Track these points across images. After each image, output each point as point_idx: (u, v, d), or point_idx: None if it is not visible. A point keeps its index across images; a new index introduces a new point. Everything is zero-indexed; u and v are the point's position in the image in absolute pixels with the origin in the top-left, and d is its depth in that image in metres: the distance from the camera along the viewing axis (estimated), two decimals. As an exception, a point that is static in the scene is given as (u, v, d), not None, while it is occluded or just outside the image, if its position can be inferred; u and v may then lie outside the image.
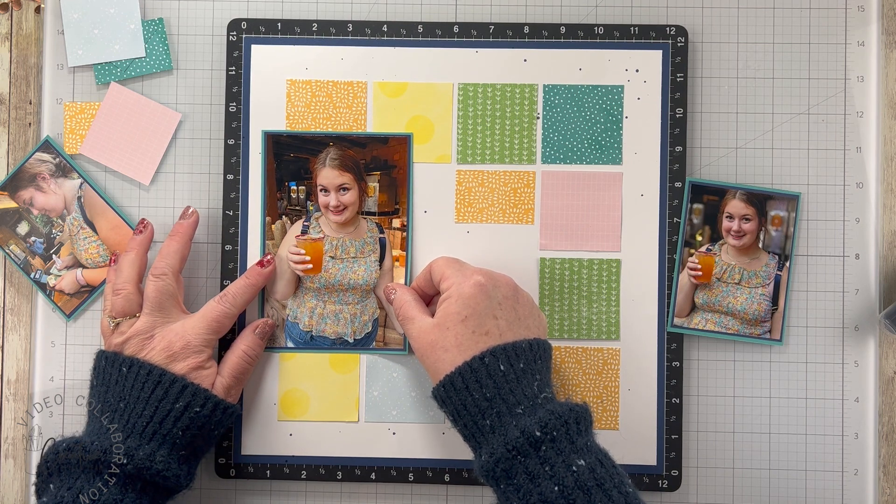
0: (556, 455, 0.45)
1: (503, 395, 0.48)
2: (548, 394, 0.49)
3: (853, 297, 0.61)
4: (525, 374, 0.49)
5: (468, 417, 0.49)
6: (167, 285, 0.56)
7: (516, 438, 0.46)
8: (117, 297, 0.56)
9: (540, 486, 0.44)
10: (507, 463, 0.46)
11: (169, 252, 0.57)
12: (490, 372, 0.48)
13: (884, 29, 0.61)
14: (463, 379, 0.49)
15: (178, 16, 0.62)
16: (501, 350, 0.49)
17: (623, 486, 0.45)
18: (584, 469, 0.44)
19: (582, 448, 0.45)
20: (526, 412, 0.47)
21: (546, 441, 0.45)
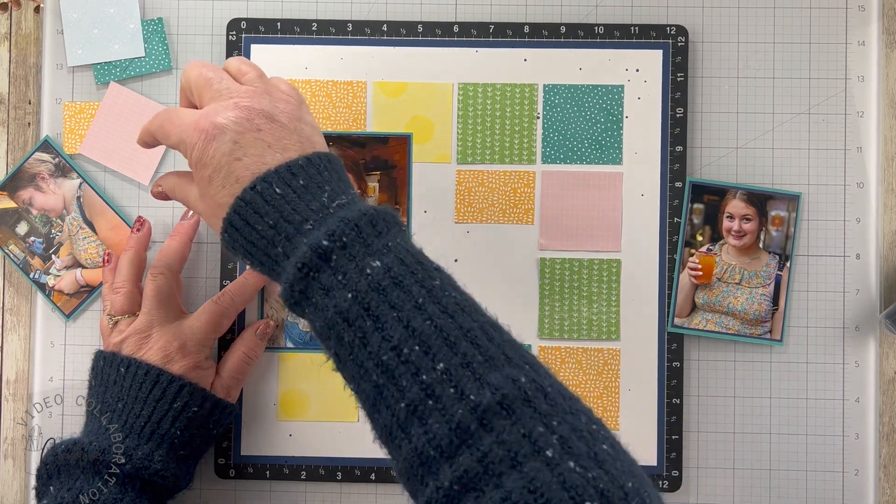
0: (349, 261, 0.40)
1: (286, 216, 0.42)
2: (343, 200, 0.43)
3: (854, 298, 0.61)
4: (308, 190, 0.43)
5: (260, 253, 0.43)
6: (166, 284, 0.56)
7: (304, 254, 0.40)
8: (116, 295, 0.56)
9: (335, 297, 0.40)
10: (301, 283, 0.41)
11: (169, 252, 0.57)
12: (266, 198, 0.42)
13: (884, 28, 0.61)
14: (240, 215, 0.43)
15: (177, 15, 0.62)
16: (273, 174, 0.43)
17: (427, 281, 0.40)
18: (378, 270, 0.39)
19: (379, 250, 0.40)
20: (316, 226, 0.41)
21: (336, 249, 0.40)
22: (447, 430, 0.36)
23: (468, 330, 0.38)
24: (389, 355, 0.38)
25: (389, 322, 0.39)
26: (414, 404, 0.37)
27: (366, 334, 0.39)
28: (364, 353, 0.39)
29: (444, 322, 0.38)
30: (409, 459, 0.37)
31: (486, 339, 0.38)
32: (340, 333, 0.40)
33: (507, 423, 0.35)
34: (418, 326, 0.38)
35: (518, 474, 0.34)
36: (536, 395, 0.36)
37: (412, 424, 0.37)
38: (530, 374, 0.37)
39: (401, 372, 0.38)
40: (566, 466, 0.34)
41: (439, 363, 0.37)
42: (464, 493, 0.35)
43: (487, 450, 0.35)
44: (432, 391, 0.37)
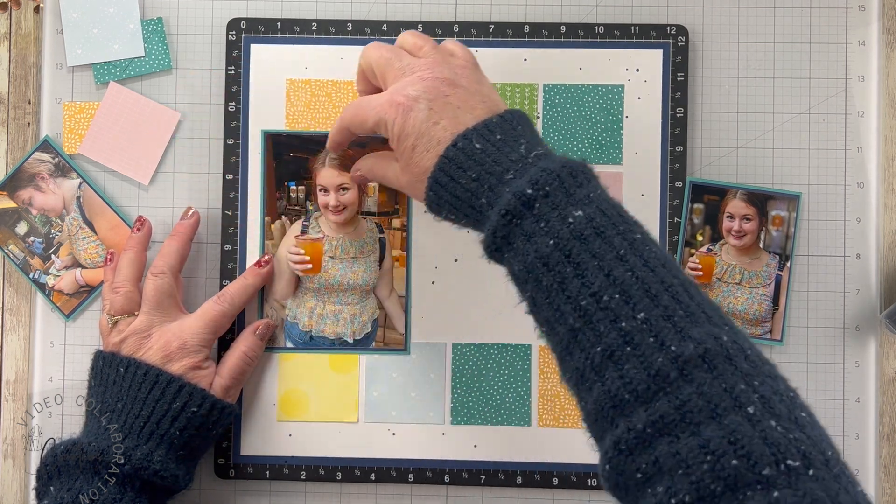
0: (551, 210, 0.41)
1: (488, 168, 0.44)
2: (539, 152, 0.44)
3: (854, 298, 0.61)
4: (506, 143, 0.45)
5: (465, 206, 0.46)
6: (166, 284, 0.56)
7: (508, 202, 0.42)
8: (116, 295, 0.56)
9: (536, 243, 0.41)
10: (504, 229, 0.42)
11: (169, 251, 0.57)
12: (468, 153, 0.44)
13: (884, 28, 0.61)
14: (444, 172, 0.45)
15: (177, 15, 0.62)
16: (472, 131, 0.45)
17: (629, 234, 0.40)
18: (581, 219, 0.40)
19: (581, 200, 0.41)
20: (517, 175, 0.43)
21: (539, 197, 0.41)
22: (645, 375, 0.36)
23: (669, 285, 0.39)
24: (588, 301, 0.39)
25: (590, 270, 0.39)
26: (611, 349, 0.38)
27: (565, 279, 0.40)
28: (562, 297, 0.40)
29: (644, 274, 0.39)
30: (601, 401, 0.38)
31: (686, 296, 0.39)
32: (539, 277, 0.41)
33: (708, 377, 0.35)
34: (619, 276, 0.39)
35: (717, 425, 0.34)
36: (737, 355, 0.36)
37: (607, 368, 0.38)
38: (731, 335, 0.37)
39: (599, 318, 0.38)
40: (768, 424, 0.34)
41: (639, 313, 0.38)
42: (657, 437, 0.35)
43: (687, 398, 0.35)
44: (631, 338, 0.37)
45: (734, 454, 0.33)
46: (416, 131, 0.47)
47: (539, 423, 0.60)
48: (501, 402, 0.60)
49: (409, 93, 0.47)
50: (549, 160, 0.43)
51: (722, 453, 0.33)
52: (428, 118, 0.46)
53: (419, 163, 0.47)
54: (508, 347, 0.60)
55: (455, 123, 0.46)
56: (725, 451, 0.33)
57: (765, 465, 0.33)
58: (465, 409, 0.60)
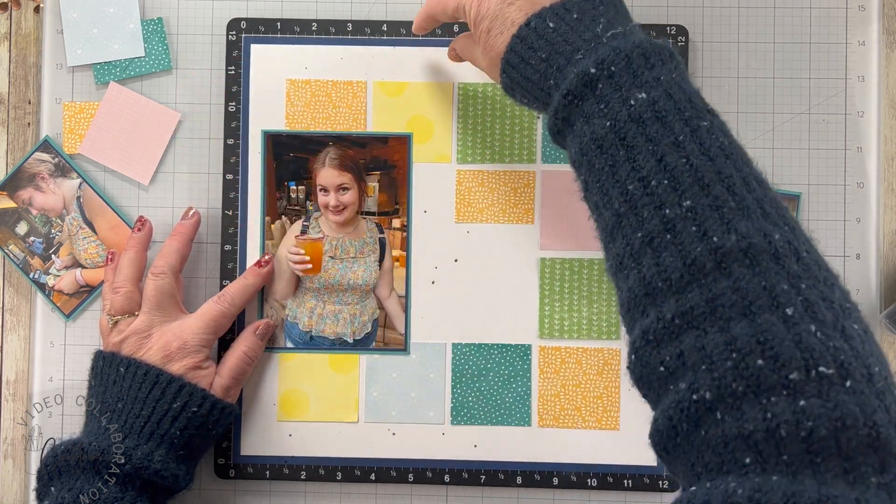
0: (614, 91, 0.39)
1: (558, 48, 0.41)
2: (618, 31, 0.41)
3: (854, 298, 0.61)
4: (581, 23, 0.42)
5: (535, 88, 0.43)
6: (166, 284, 0.56)
7: (570, 82, 0.40)
8: (116, 295, 0.56)
9: (593, 125, 0.39)
10: (565, 111, 0.40)
11: (169, 251, 0.57)
12: (540, 32, 0.42)
13: (884, 28, 0.61)
14: (516, 52, 0.43)
15: (177, 15, 0.62)
16: (547, 9, 0.43)
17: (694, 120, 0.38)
18: (643, 101, 0.38)
19: (648, 82, 0.38)
20: (587, 55, 0.40)
21: (603, 78, 0.39)
22: (680, 264, 0.35)
23: (727, 176, 0.36)
24: (636, 185, 0.37)
25: (643, 153, 0.37)
26: (651, 236, 0.36)
27: (616, 162, 0.38)
28: (611, 181, 0.38)
29: (700, 162, 0.36)
30: (634, 289, 0.36)
31: (745, 189, 0.36)
32: (592, 160, 0.39)
33: (747, 272, 0.34)
34: (672, 162, 0.37)
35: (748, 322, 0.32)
36: (788, 255, 0.34)
37: (644, 255, 0.36)
38: (787, 235, 0.35)
39: (644, 203, 0.37)
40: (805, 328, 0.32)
41: (686, 200, 0.36)
42: (684, 330, 0.34)
43: (720, 292, 0.33)
44: (672, 226, 0.36)
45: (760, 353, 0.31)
46: (491, 13, 0.45)
47: (539, 423, 0.60)
48: (501, 402, 0.60)
49: None
50: (624, 39, 0.40)
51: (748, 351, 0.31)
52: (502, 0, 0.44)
53: (494, 45, 0.45)
54: (508, 347, 0.60)
55: (531, 4, 0.43)
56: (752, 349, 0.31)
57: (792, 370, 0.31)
58: (465, 409, 0.60)
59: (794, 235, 0.35)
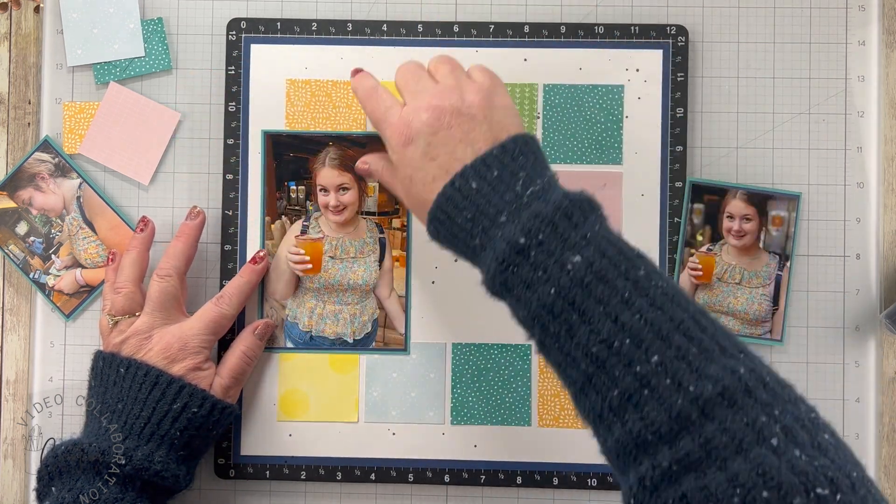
0: (548, 257, 0.41)
1: (482, 209, 0.44)
2: (536, 188, 0.44)
3: (854, 298, 0.61)
4: (501, 180, 0.44)
5: (461, 244, 0.46)
6: (171, 287, 0.56)
7: (503, 250, 0.42)
8: (118, 295, 0.56)
9: (537, 291, 0.41)
10: (501, 276, 0.43)
11: (175, 253, 0.57)
12: (463, 192, 0.45)
13: (885, 28, 0.61)
14: (442, 209, 0.46)
15: (177, 15, 0.62)
16: (469, 168, 0.45)
17: (632, 272, 0.40)
18: (579, 265, 0.40)
19: (578, 243, 0.41)
20: (510, 218, 0.43)
21: (533, 246, 0.41)
22: (666, 418, 0.36)
23: (679, 322, 0.39)
24: (599, 347, 0.39)
25: (596, 316, 0.39)
26: (628, 393, 0.38)
27: (572, 326, 0.40)
28: (570, 344, 0.40)
29: (653, 315, 0.39)
30: (623, 441, 0.38)
31: (698, 329, 0.39)
32: (545, 324, 0.41)
33: (729, 413, 0.36)
34: (627, 321, 0.39)
35: (744, 459, 0.34)
36: (757, 386, 0.37)
37: (626, 410, 0.38)
38: (748, 364, 0.37)
39: (612, 363, 0.39)
40: (792, 454, 0.34)
41: (653, 356, 0.38)
42: (682, 474, 0.36)
43: (711, 436, 0.35)
44: (647, 381, 0.37)
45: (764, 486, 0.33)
46: (413, 164, 0.48)
47: (539, 423, 0.60)
48: (501, 402, 0.60)
49: (412, 125, 0.48)
50: (543, 201, 0.43)
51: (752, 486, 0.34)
52: (425, 153, 0.47)
53: (418, 195, 0.48)
54: (508, 347, 0.60)
55: (451, 160, 0.46)
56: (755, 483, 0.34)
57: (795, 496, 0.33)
58: (465, 409, 0.60)
59: (752, 362, 0.38)
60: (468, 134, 0.47)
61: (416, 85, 0.50)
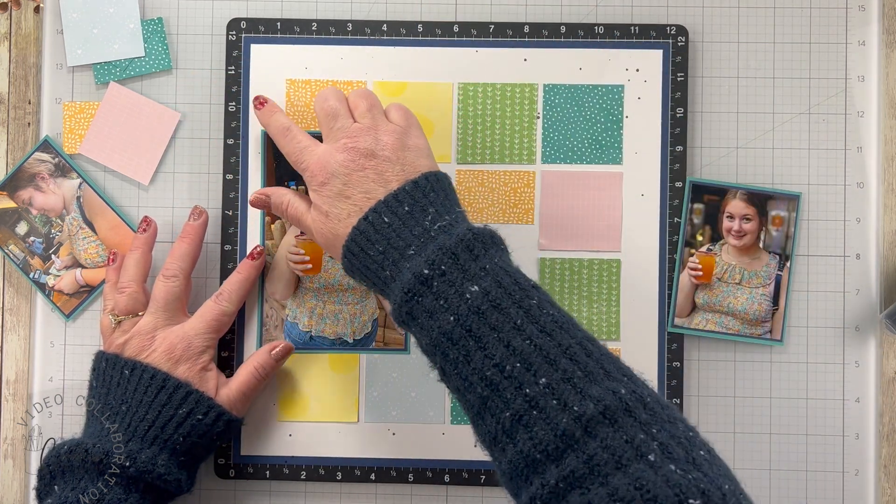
0: (449, 287, 0.44)
1: (392, 243, 0.47)
2: (444, 223, 0.47)
3: (854, 298, 0.61)
4: (412, 215, 0.48)
5: (373, 275, 0.48)
6: (177, 287, 0.57)
7: (408, 281, 0.45)
8: (122, 295, 0.56)
9: (438, 319, 0.44)
10: (407, 306, 0.45)
11: (181, 254, 0.57)
12: (376, 227, 0.48)
13: (884, 28, 0.61)
14: (356, 243, 0.48)
15: (177, 15, 0.62)
16: (382, 203, 0.48)
17: (525, 301, 0.43)
18: (477, 294, 0.43)
19: (477, 274, 0.44)
20: (417, 251, 0.46)
21: (436, 276, 0.44)
22: (552, 436, 0.39)
23: (567, 347, 0.41)
24: (493, 371, 0.42)
25: (491, 342, 0.42)
26: (519, 414, 0.40)
27: (469, 353, 0.43)
28: (468, 369, 0.43)
29: (542, 341, 0.42)
30: (515, 461, 0.40)
31: (584, 354, 0.41)
32: (445, 351, 0.44)
33: (610, 431, 0.38)
34: (518, 346, 0.42)
35: (623, 474, 0.37)
36: (636, 406, 0.39)
37: (517, 431, 0.40)
38: (629, 386, 0.40)
39: (504, 386, 0.41)
40: (668, 469, 0.36)
41: (541, 378, 0.40)
42: (569, 490, 0.38)
43: (593, 453, 0.38)
44: (536, 403, 0.40)
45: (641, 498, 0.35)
46: (328, 203, 0.50)
47: (539, 423, 0.60)
48: (501, 402, 0.60)
49: (329, 166, 0.50)
50: (448, 234, 0.46)
51: (630, 499, 0.35)
52: (340, 193, 0.50)
53: (332, 230, 0.50)
54: (508, 347, 0.60)
55: (365, 199, 0.49)
56: (633, 496, 0.35)
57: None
58: (465, 409, 0.60)
59: (634, 385, 0.40)
60: (381, 175, 0.50)
61: (334, 122, 0.52)
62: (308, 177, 0.52)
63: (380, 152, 0.50)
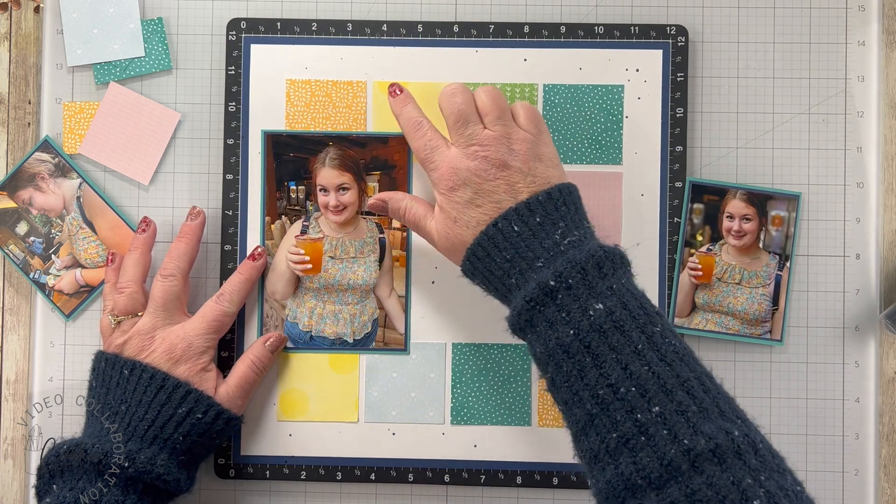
0: (573, 301, 0.44)
1: (521, 253, 0.47)
2: (574, 238, 0.47)
3: (854, 298, 0.61)
4: (543, 227, 0.48)
5: (497, 282, 0.49)
6: (175, 287, 0.57)
7: (533, 290, 0.45)
8: (121, 295, 0.56)
9: (557, 331, 0.44)
10: (527, 314, 0.46)
11: (178, 254, 0.57)
12: (505, 234, 0.48)
13: (884, 28, 0.61)
14: (482, 248, 0.49)
15: (177, 15, 0.62)
16: (513, 211, 0.48)
17: (648, 327, 0.43)
18: (601, 312, 0.43)
19: (603, 292, 0.44)
20: (546, 264, 0.46)
21: (561, 289, 0.44)
22: (658, 465, 0.39)
23: (685, 380, 0.41)
24: (606, 391, 0.42)
25: (608, 362, 0.42)
26: (626, 437, 0.41)
27: (584, 368, 0.43)
28: (580, 384, 0.43)
29: (661, 369, 0.42)
30: (613, 483, 0.40)
31: (701, 390, 0.41)
32: (560, 363, 0.44)
33: (717, 470, 0.38)
34: (636, 370, 0.42)
35: None
36: (748, 450, 0.39)
37: (621, 454, 0.41)
38: (742, 429, 0.40)
39: (615, 407, 0.41)
40: None
41: (655, 406, 0.41)
42: None
43: (697, 488, 0.38)
44: (646, 430, 0.40)
45: None
46: (458, 209, 0.50)
47: (539, 423, 0.60)
48: (501, 402, 0.60)
49: (460, 173, 0.50)
50: (578, 250, 0.46)
51: None
52: (471, 200, 0.50)
53: (459, 235, 0.50)
54: (508, 347, 0.60)
55: (495, 209, 0.49)
56: None
57: None
58: (465, 409, 0.60)
59: (747, 428, 0.41)
60: (512, 186, 0.49)
61: (464, 127, 0.51)
62: (436, 178, 0.52)
63: (512, 163, 0.50)
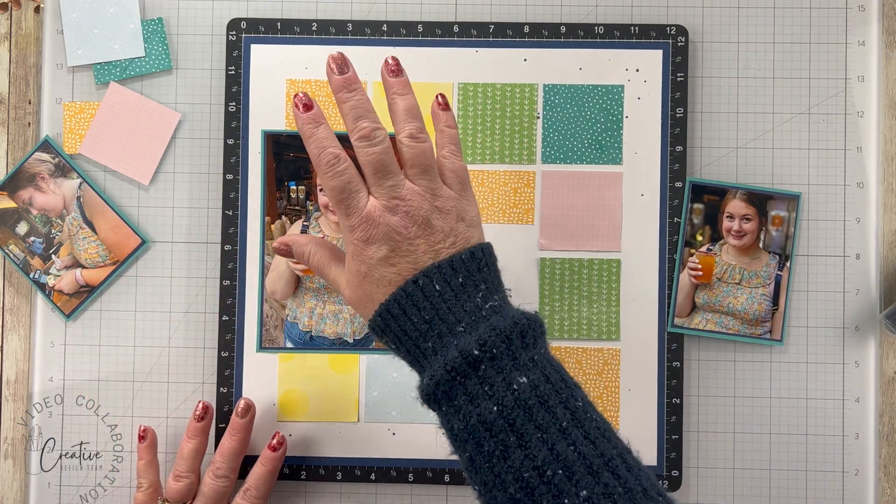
0: (497, 374, 0.42)
1: (441, 314, 0.44)
2: (495, 302, 0.44)
3: (854, 298, 0.61)
4: (465, 289, 0.44)
5: (410, 343, 0.45)
6: (225, 487, 0.58)
7: (455, 359, 0.42)
8: (179, 483, 0.57)
9: (479, 406, 0.41)
10: (447, 385, 0.42)
11: (231, 454, 0.58)
12: (426, 293, 0.44)
13: (884, 29, 0.61)
14: (399, 305, 0.45)
15: (177, 15, 0.62)
16: (436, 269, 0.44)
17: (571, 401, 0.42)
18: (525, 387, 0.41)
19: (526, 364, 0.42)
20: (467, 329, 0.43)
21: (485, 360, 0.42)
22: None
23: (609, 458, 0.41)
24: (531, 474, 0.40)
25: (534, 442, 0.41)
26: None
27: (508, 448, 0.41)
28: (503, 466, 0.41)
29: (586, 449, 0.40)
30: None
31: (624, 468, 0.41)
32: (481, 441, 0.42)
33: None
34: (562, 451, 0.40)
35: None
36: None
37: None
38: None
39: (542, 492, 0.40)
40: None
41: (582, 490, 0.39)
42: None
43: None
44: None
45: None
46: (371, 264, 0.46)
47: (539, 423, 0.60)
48: (501, 402, 0.60)
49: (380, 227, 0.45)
50: (501, 316, 0.43)
51: None
52: (386, 258, 0.45)
53: (368, 291, 0.46)
54: (508, 347, 0.60)
55: (411, 269, 0.45)
56: None
57: None
58: (465, 409, 0.60)
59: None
60: (433, 246, 0.45)
61: (384, 179, 0.46)
62: (349, 224, 0.46)
63: (435, 222, 0.46)
